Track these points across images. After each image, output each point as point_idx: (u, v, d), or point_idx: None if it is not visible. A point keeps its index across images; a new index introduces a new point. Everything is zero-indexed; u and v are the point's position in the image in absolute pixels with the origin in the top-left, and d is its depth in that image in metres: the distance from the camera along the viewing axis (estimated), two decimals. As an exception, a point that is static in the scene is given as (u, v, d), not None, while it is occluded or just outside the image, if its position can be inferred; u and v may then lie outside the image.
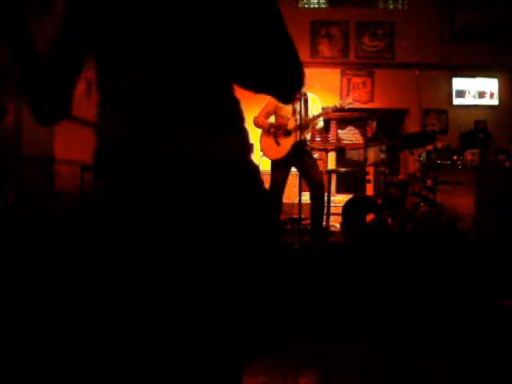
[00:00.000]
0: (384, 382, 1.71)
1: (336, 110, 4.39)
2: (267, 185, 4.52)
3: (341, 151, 6.61)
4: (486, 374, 1.75)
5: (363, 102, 7.07)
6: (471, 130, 6.72)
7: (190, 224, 0.76)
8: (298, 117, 4.15)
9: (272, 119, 4.45)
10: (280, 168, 4.27)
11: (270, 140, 4.31)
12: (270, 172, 4.36)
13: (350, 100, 4.40)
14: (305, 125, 4.12)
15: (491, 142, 5.64)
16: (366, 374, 1.77)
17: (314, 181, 4.22)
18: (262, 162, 4.56)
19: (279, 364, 1.81)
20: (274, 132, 4.30)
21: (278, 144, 4.27)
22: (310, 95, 4.23)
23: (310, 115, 4.20)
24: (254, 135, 4.47)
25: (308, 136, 4.33)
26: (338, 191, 6.91)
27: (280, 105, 4.26)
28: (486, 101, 7.18)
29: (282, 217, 4.63)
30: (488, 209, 4.02)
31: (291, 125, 4.21)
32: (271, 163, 4.35)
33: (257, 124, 4.37)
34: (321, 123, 4.35)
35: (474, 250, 3.69)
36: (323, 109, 4.38)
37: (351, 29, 7.22)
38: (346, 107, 4.41)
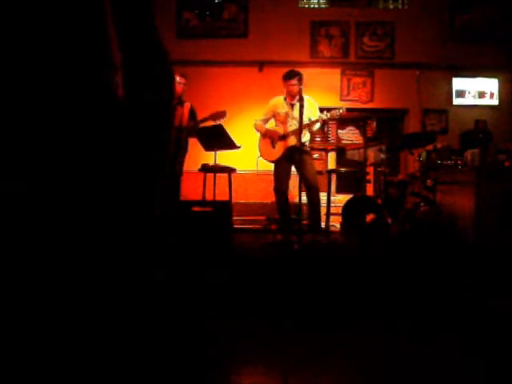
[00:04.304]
0: (383, 382, 1.72)
1: (325, 121, 4.54)
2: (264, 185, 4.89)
3: (341, 151, 6.61)
4: (485, 375, 1.76)
5: (363, 102, 7.08)
6: (471, 129, 6.72)
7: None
8: (293, 122, 4.37)
9: (272, 123, 4.70)
10: (280, 164, 4.53)
11: (267, 142, 4.59)
12: (272, 171, 4.65)
13: (340, 111, 4.34)
14: (299, 130, 4.20)
15: (491, 142, 5.64)
16: (365, 372, 1.77)
17: (306, 180, 4.40)
18: (260, 163, 4.81)
19: (279, 363, 1.82)
20: (270, 137, 4.59)
21: (273, 147, 4.56)
22: (306, 98, 4.25)
23: (306, 119, 4.24)
24: (254, 138, 4.79)
25: (306, 137, 4.47)
26: (338, 191, 6.91)
27: (277, 111, 4.56)
28: (486, 101, 7.18)
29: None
30: (488, 209, 4.02)
31: (285, 130, 4.46)
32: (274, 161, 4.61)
33: (256, 128, 4.68)
34: (317, 125, 4.45)
35: (474, 250, 3.69)
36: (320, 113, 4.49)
37: (351, 29, 7.22)
38: (337, 117, 4.39)
